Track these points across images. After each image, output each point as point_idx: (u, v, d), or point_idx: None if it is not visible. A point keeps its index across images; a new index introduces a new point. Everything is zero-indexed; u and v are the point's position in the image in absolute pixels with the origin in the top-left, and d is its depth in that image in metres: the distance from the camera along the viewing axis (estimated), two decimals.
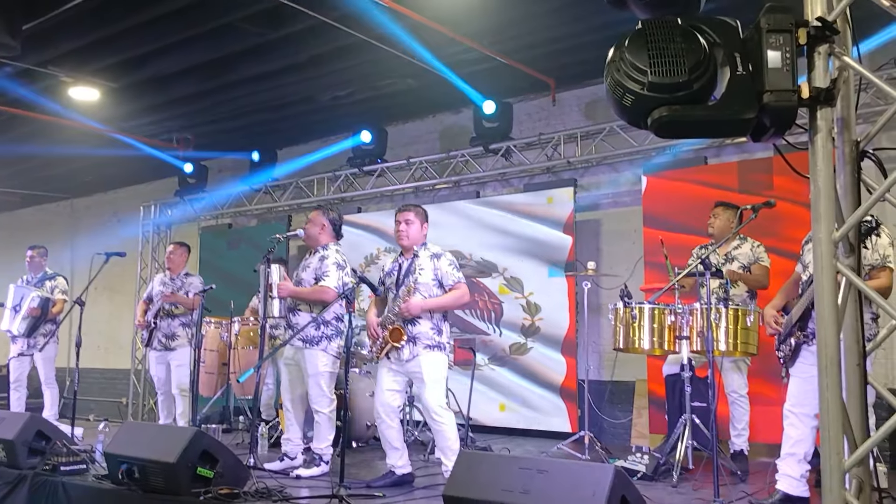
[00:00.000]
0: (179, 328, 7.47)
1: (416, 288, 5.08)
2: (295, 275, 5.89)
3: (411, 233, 5.20)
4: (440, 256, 5.19)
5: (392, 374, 5.14)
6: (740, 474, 5.41)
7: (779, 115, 2.32)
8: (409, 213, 5.25)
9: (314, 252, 5.85)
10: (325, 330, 5.59)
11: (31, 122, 9.62)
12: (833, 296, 2.34)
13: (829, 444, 2.31)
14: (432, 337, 5.06)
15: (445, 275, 5.12)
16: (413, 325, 5.04)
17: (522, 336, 8.17)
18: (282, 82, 8.37)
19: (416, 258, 5.19)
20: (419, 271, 5.13)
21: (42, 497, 5.00)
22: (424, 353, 5.01)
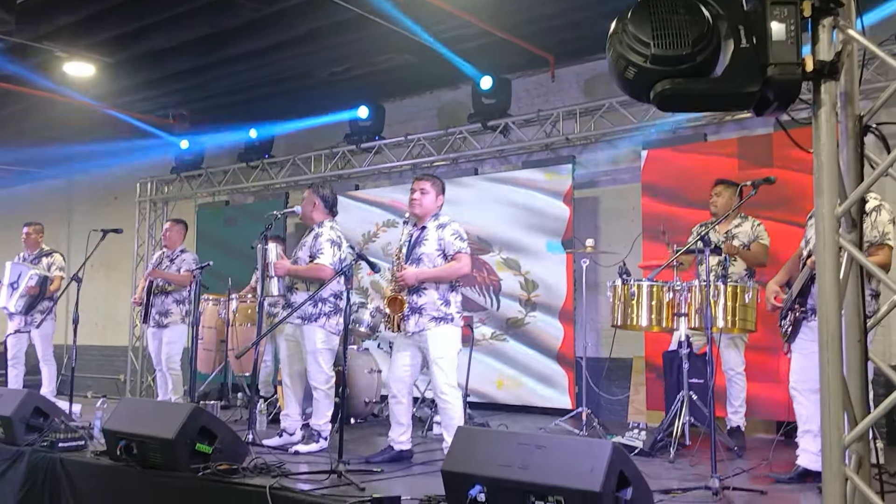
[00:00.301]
0: (173, 305, 7.47)
1: (420, 258, 5.07)
2: (293, 254, 5.88)
3: (425, 202, 5.18)
4: (445, 226, 5.17)
5: (405, 348, 5.12)
6: (737, 450, 5.44)
7: (783, 88, 2.29)
8: (425, 182, 5.23)
9: (310, 230, 5.84)
10: (323, 307, 5.59)
11: (25, 98, 9.56)
12: (835, 271, 2.33)
13: (829, 419, 2.31)
14: (439, 308, 5.03)
15: (448, 244, 5.10)
16: (419, 296, 5.03)
17: (522, 310, 8.17)
18: (278, 58, 8.30)
19: (425, 228, 5.20)
20: (424, 242, 5.13)
21: (40, 473, 5.01)
22: (431, 326, 4.99)
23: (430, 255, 5.10)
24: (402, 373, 5.11)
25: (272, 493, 3.88)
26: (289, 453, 5.30)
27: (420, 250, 5.12)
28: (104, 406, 6.31)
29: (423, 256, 5.09)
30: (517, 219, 8.28)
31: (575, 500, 3.06)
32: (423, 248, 5.11)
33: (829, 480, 2.30)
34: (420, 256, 5.10)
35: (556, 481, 3.11)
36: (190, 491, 4.27)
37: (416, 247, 5.15)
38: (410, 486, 4.23)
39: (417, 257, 5.11)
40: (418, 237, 5.19)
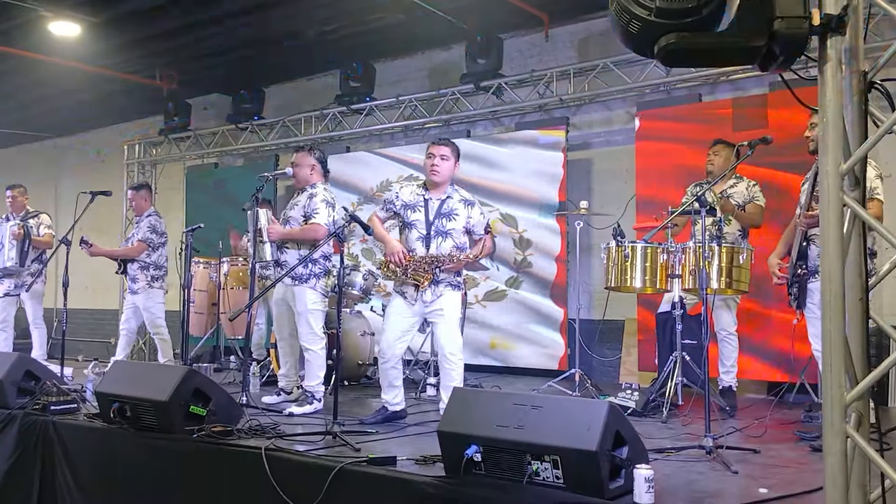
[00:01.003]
0: (138, 271, 7.46)
1: (449, 233, 4.97)
2: (282, 214, 5.83)
3: (444, 169, 5.00)
4: (473, 204, 5.08)
5: (406, 314, 5.04)
6: (729, 410, 5.48)
7: (789, 42, 2.25)
8: (444, 147, 5.02)
9: (301, 191, 5.79)
10: (314, 268, 5.57)
11: (9, 59, 9.39)
12: (839, 228, 2.30)
13: (830, 377, 2.30)
14: (454, 278, 5.04)
15: (477, 223, 5.07)
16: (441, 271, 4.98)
17: (515, 270, 8.16)
18: (266, 17, 8.18)
19: (448, 199, 5.04)
20: (454, 217, 5.00)
21: (32, 436, 4.99)
22: (446, 291, 4.97)
23: (459, 231, 5.02)
24: (398, 340, 5.05)
25: (267, 454, 3.88)
26: (283, 415, 5.30)
27: (450, 225, 4.99)
28: (96, 369, 6.30)
29: (452, 232, 4.98)
30: (510, 185, 8.22)
31: (571, 460, 3.06)
32: (453, 224, 4.99)
33: (829, 438, 2.30)
34: (449, 231, 4.98)
35: (552, 441, 3.11)
36: (184, 453, 4.26)
37: (440, 218, 4.99)
38: (406, 446, 4.23)
39: (445, 231, 4.98)
40: (441, 208, 5.01)
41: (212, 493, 4.12)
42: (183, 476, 4.25)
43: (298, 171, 5.73)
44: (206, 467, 4.17)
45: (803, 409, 5.32)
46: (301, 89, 10.73)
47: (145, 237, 7.40)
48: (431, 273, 4.92)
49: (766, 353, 6.51)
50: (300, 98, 10.62)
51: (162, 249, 7.56)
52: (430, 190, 5.07)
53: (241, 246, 8.26)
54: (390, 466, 3.66)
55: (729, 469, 3.72)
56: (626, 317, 7.63)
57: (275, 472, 3.79)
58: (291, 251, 5.62)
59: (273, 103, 10.71)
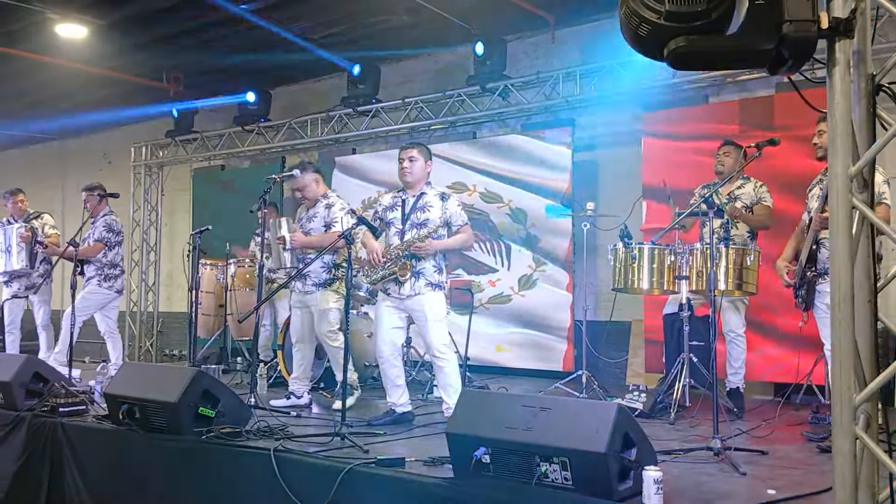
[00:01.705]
0: (94, 271, 7.44)
1: (424, 224, 5.12)
2: (301, 226, 5.96)
3: (415, 170, 5.22)
4: (448, 197, 5.26)
5: (393, 311, 5.19)
6: (736, 411, 5.48)
7: (798, 46, 2.25)
8: (412, 150, 5.27)
9: (316, 202, 5.94)
10: (337, 272, 5.81)
11: (16, 61, 9.42)
12: (848, 230, 2.31)
13: (839, 379, 2.31)
14: (433, 275, 5.13)
15: (454, 215, 5.19)
16: (418, 261, 5.10)
17: (532, 264, 8.15)
18: (273, 19, 8.17)
19: (423, 195, 5.22)
20: (428, 209, 5.16)
21: (41, 438, 5.01)
22: (426, 291, 5.08)
23: (434, 221, 5.14)
24: (392, 335, 5.20)
25: (276, 455, 3.89)
26: (291, 416, 5.33)
27: (423, 216, 5.15)
28: (104, 371, 6.31)
29: (428, 223, 5.12)
30: (516, 181, 8.23)
31: (580, 461, 3.07)
32: (428, 215, 5.15)
33: (838, 439, 2.30)
34: (424, 222, 5.13)
35: (560, 443, 3.13)
36: (193, 454, 4.28)
37: (415, 212, 5.17)
38: (414, 447, 4.24)
39: (420, 222, 5.14)
40: (417, 203, 5.21)
41: (221, 494, 4.14)
42: (192, 477, 4.27)
43: (306, 192, 5.95)
44: (215, 468, 4.19)
45: (811, 410, 5.32)
46: (307, 91, 10.75)
47: (101, 236, 7.39)
48: (407, 261, 5.04)
49: (773, 354, 6.50)
50: (306, 100, 10.64)
51: (118, 248, 7.56)
52: (407, 191, 5.28)
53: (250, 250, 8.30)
54: (399, 468, 3.68)
55: (737, 470, 3.73)
56: (633, 318, 7.63)
57: (284, 473, 3.81)
58: (315, 261, 5.73)
59: (279, 105, 10.73)
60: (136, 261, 11.85)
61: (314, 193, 5.95)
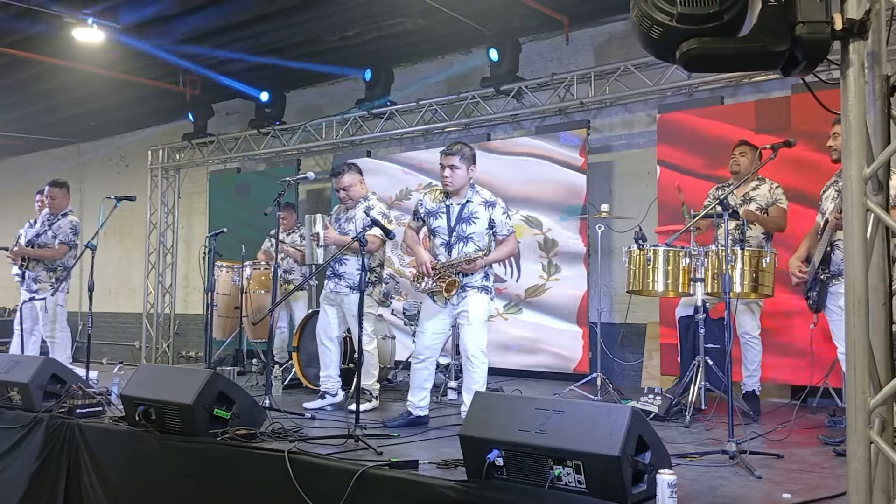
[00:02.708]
0: (43, 272, 7.44)
1: (470, 237, 5.02)
2: (339, 225, 5.93)
3: (456, 179, 5.01)
4: (494, 205, 5.08)
5: (441, 317, 5.12)
6: (752, 414, 5.45)
7: (811, 47, 2.25)
8: (453, 157, 5.00)
9: (356, 203, 5.90)
10: (370, 276, 5.75)
11: (34, 65, 9.52)
12: (862, 233, 2.29)
13: (854, 383, 2.29)
14: (480, 281, 5.07)
15: (500, 224, 5.06)
16: (465, 276, 5.04)
17: (544, 274, 8.13)
18: (288, 22, 8.23)
19: (468, 203, 5.07)
20: (474, 220, 5.03)
21: (58, 439, 5.05)
22: (472, 293, 5.02)
23: (481, 233, 5.04)
24: (432, 341, 5.15)
25: (290, 457, 3.90)
26: (306, 417, 5.34)
27: (470, 229, 5.03)
28: (121, 372, 6.36)
29: (473, 236, 5.02)
30: (531, 190, 8.21)
31: (594, 465, 3.06)
32: (474, 228, 5.03)
33: (853, 443, 2.29)
34: (469, 235, 5.02)
35: (574, 446, 3.11)
36: (209, 455, 4.30)
37: (461, 223, 5.05)
38: (428, 450, 4.24)
39: (466, 236, 5.03)
40: (462, 213, 5.06)
41: (235, 495, 4.16)
42: (207, 478, 4.29)
43: (351, 191, 5.85)
44: (229, 470, 4.21)
45: (827, 414, 5.28)
46: (322, 94, 10.80)
47: (68, 239, 7.41)
48: (455, 278, 4.98)
49: (789, 356, 6.46)
50: (322, 103, 10.69)
51: (74, 251, 7.56)
52: (452, 196, 5.12)
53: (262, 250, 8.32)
54: (412, 470, 3.68)
55: (752, 474, 3.70)
56: (647, 320, 7.61)
57: (298, 475, 3.82)
58: (351, 261, 5.74)
59: (295, 108, 10.79)
60: (152, 263, 11.93)
61: (358, 194, 5.88)
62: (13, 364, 5.58)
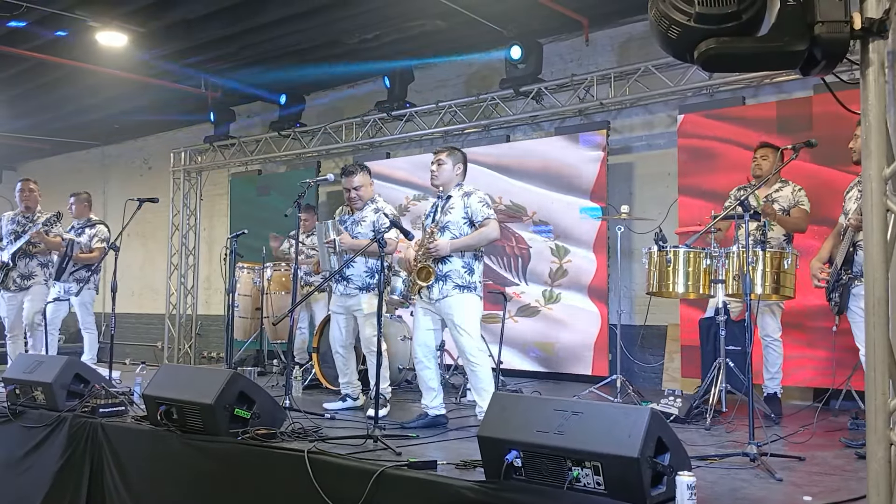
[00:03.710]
0: (37, 268, 7.52)
1: (446, 226, 5.10)
2: (348, 229, 5.93)
3: (442, 174, 5.22)
4: (471, 194, 5.19)
5: (426, 313, 5.20)
6: (774, 417, 5.41)
7: (830, 47, 2.24)
8: (441, 154, 5.26)
9: (364, 206, 5.90)
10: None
11: (58, 69, 9.63)
12: (882, 233, 2.28)
13: (874, 383, 2.28)
14: (463, 276, 5.08)
15: (475, 212, 5.12)
16: (444, 264, 5.08)
17: (549, 283, 8.13)
18: (308, 25, 8.27)
19: (450, 197, 5.23)
20: (450, 210, 5.17)
21: (81, 438, 5.10)
22: (454, 294, 5.04)
23: (457, 222, 5.12)
24: (425, 337, 5.19)
25: (310, 457, 3.92)
26: (325, 418, 5.37)
27: (445, 218, 5.14)
28: (143, 372, 6.42)
29: (449, 224, 5.12)
30: (549, 191, 8.20)
31: (612, 466, 3.05)
32: (449, 217, 5.14)
33: (873, 445, 2.28)
34: (446, 224, 5.12)
35: (593, 447, 3.10)
36: (229, 455, 4.33)
37: (442, 215, 5.19)
38: (446, 451, 4.25)
39: (443, 225, 5.13)
40: (443, 206, 5.24)
41: (255, 494, 4.18)
42: (227, 478, 4.32)
43: (362, 192, 5.85)
44: (250, 469, 4.23)
45: (850, 417, 5.23)
46: (343, 96, 10.84)
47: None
48: (426, 264, 5.04)
49: (811, 359, 6.40)
50: (342, 105, 10.74)
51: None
52: (440, 194, 5.33)
53: (280, 249, 8.37)
54: (431, 470, 3.68)
55: (773, 476, 3.68)
56: (668, 322, 7.57)
57: (317, 475, 3.84)
58: (358, 263, 5.75)
59: (315, 110, 10.84)
60: (175, 264, 12.03)
61: (367, 195, 5.90)
62: (37, 364, 5.64)
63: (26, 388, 5.53)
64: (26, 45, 8.76)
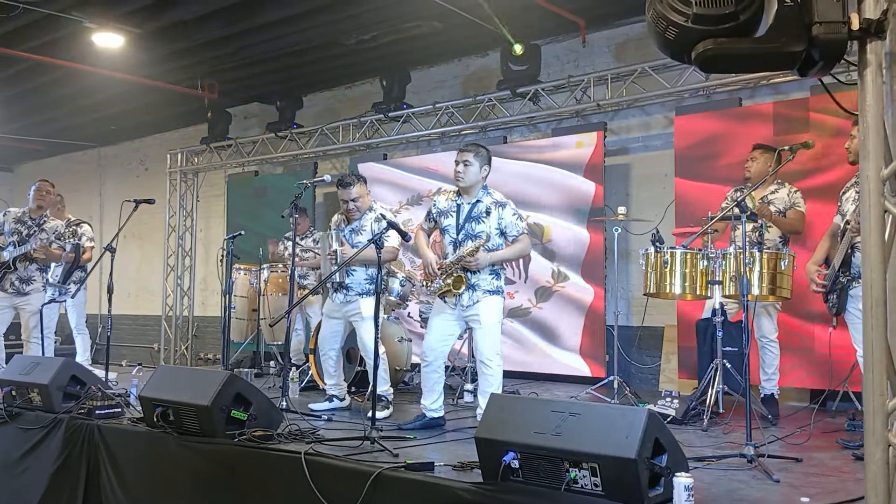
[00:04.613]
0: (36, 273, 7.48)
1: (478, 235, 5.01)
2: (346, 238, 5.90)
3: (468, 175, 5.05)
4: (505, 206, 5.08)
5: (449, 318, 5.12)
6: (771, 418, 5.41)
7: (828, 47, 2.23)
8: (467, 153, 5.07)
9: (363, 215, 5.88)
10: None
11: (55, 70, 9.60)
12: (880, 234, 2.28)
13: (872, 385, 2.28)
14: (491, 282, 5.04)
15: (510, 224, 5.04)
16: (473, 274, 5.01)
17: (551, 279, 8.12)
18: (305, 26, 8.25)
19: (478, 203, 5.09)
20: (483, 219, 5.03)
21: (77, 440, 5.09)
22: (484, 297, 5.00)
23: (490, 233, 5.01)
24: (440, 343, 5.15)
25: (307, 458, 3.92)
26: (322, 419, 5.36)
27: (478, 227, 5.03)
28: (140, 374, 6.40)
29: (481, 234, 5.00)
30: (545, 192, 8.19)
31: (610, 467, 3.05)
32: (482, 226, 5.02)
33: (871, 446, 2.27)
34: (479, 234, 5.01)
35: (590, 448, 3.10)
36: (226, 457, 4.32)
37: (470, 221, 5.06)
38: (443, 452, 4.25)
39: (475, 234, 5.03)
40: (472, 211, 5.08)
41: (252, 496, 4.18)
42: (224, 479, 4.31)
43: (360, 202, 5.83)
44: (246, 471, 4.23)
45: (847, 417, 5.24)
46: (340, 97, 10.83)
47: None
48: (460, 274, 4.97)
49: (808, 360, 6.41)
50: (339, 106, 10.73)
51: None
52: (463, 195, 5.15)
53: (277, 252, 8.37)
54: (428, 472, 3.68)
55: (770, 478, 3.68)
56: (665, 323, 7.57)
57: (314, 477, 3.83)
58: (359, 272, 5.77)
59: (312, 111, 10.83)
60: (171, 265, 12.02)
61: (365, 205, 5.87)
62: (33, 365, 5.63)
63: (23, 390, 5.52)
64: (23, 45, 8.74)
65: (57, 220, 7.66)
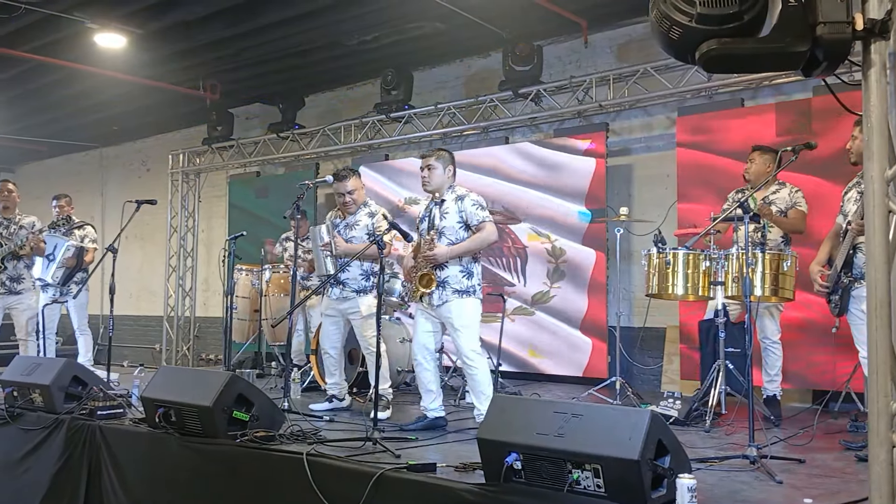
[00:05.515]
0: (25, 271, 7.48)
1: (442, 231, 5.09)
2: (341, 233, 5.93)
3: (433, 178, 5.19)
4: (464, 197, 5.16)
5: (427, 317, 5.21)
6: (773, 419, 5.40)
7: (832, 47, 2.23)
8: (430, 158, 5.21)
9: (357, 210, 5.91)
10: (375, 280, 5.75)
11: (57, 70, 9.60)
12: (884, 235, 2.27)
13: (876, 386, 2.27)
14: (461, 281, 5.08)
15: (471, 215, 5.10)
16: (442, 270, 5.07)
17: (547, 282, 8.11)
18: (307, 27, 8.25)
19: (444, 201, 5.21)
20: (445, 215, 5.15)
21: (79, 440, 5.09)
22: (454, 298, 5.05)
23: (452, 227, 5.11)
24: (425, 339, 5.20)
25: (309, 459, 3.91)
26: (324, 420, 5.36)
27: (441, 224, 5.13)
28: (142, 374, 6.40)
29: (445, 230, 5.11)
30: (547, 192, 8.18)
31: (613, 468, 3.04)
32: (445, 222, 5.13)
33: (875, 447, 2.27)
34: (442, 230, 5.11)
35: (593, 449, 3.09)
36: (228, 457, 4.32)
37: (439, 220, 5.16)
38: (445, 453, 4.24)
39: (439, 230, 5.12)
40: (440, 211, 5.21)
41: (254, 496, 4.17)
42: (226, 480, 4.31)
43: (357, 195, 5.88)
44: (248, 472, 4.22)
45: (850, 419, 5.22)
46: (341, 98, 10.83)
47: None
48: (426, 271, 5.03)
49: (810, 360, 6.40)
50: (340, 107, 10.73)
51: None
52: (433, 198, 5.29)
53: (274, 253, 8.36)
54: (430, 473, 3.67)
55: (773, 479, 3.67)
56: (667, 324, 7.56)
57: (316, 478, 3.83)
58: (354, 266, 5.76)
59: (313, 112, 10.83)
60: (173, 266, 12.02)
61: (360, 199, 5.92)
62: (35, 366, 5.63)
63: (24, 391, 5.52)
64: (24, 46, 8.74)
65: (31, 217, 7.70)
